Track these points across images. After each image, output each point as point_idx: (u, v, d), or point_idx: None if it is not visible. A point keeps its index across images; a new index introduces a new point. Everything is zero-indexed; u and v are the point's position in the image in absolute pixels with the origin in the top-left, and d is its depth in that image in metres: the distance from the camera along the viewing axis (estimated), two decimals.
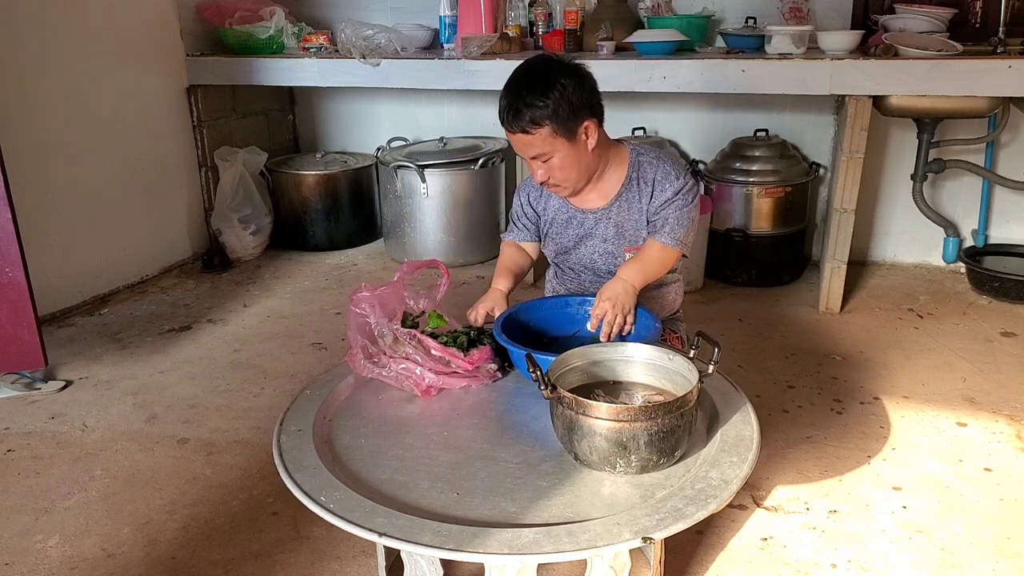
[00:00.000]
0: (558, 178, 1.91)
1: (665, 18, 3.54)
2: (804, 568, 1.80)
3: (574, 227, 2.07)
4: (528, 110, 1.81)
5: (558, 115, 1.82)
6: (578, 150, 1.88)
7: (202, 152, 3.91)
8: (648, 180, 1.98)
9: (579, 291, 2.09)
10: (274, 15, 3.79)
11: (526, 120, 1.81)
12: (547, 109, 1.81)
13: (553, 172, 1.90)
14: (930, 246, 3.69)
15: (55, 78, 3.19)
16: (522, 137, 1.85)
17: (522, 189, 2.16)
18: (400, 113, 4.27)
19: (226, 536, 1.94)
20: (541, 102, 1.80)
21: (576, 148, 1.88)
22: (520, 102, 1.82)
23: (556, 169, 1.89)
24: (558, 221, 2.09)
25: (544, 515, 1.38)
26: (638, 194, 1.99)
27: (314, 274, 3.79)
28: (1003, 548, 1.85)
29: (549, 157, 1.87)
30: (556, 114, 1.82)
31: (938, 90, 2.91)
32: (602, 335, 1.84)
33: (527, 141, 1.85)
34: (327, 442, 1.63)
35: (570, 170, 1.90)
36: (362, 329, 1.82)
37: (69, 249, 3.30)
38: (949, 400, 2.50)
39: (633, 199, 2.00)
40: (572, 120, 1.84)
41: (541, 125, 1.82)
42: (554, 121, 1.82)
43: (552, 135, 1.83)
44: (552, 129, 1.83)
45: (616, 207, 2.01)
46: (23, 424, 2.48)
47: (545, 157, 1.87)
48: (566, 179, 1.92)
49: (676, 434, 1.46)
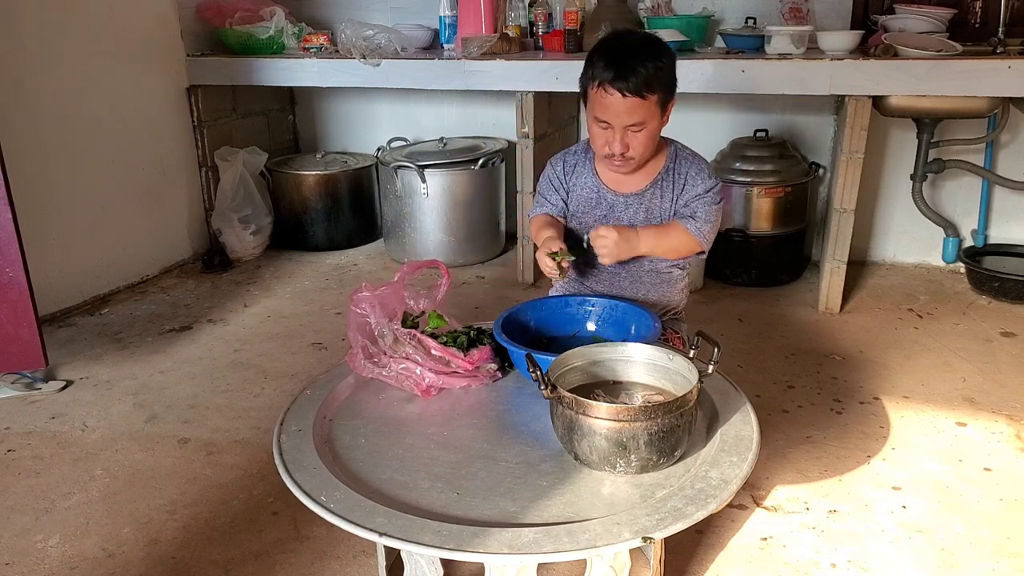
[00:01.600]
0: (637, 151, 1.88)
1: (665, 18, 3.54)
2: (804, 568, 1.80)
3: (602, 207, 2.05)
4: (644, 71, 1.78)
5: (666, 83, 1.82)
6: (660, 126, 1.89)
7: (202, 152, 3.91)
8: (683, 173, 1.99)
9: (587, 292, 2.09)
10: (274, 15, 3.79)
11: (644, 82, 1.78)
12: (663, 73, 1.80)
13: (635, 143, 1.86)
14: (930, 246, 3.70)
15: (55, 78, 3.19)
16: (631, 101, 1.80)
17: (555, 163, 2.11)
18: (400, 113, 4.27)
19: (226, 536, 1.94)
20: (656, 65, 1.79)
21: (661, 124, 1.88)
22: (635, 61, 1.78)
23: (640, 141, 1.86)
24: (586, 199, 2.06)
25: (544, 515, 1.38)
26: (672, 184, 2.00)
27: (314, 274, 3.79)
28: (1003, 548, 1.85)
29: (643, 127, 1.84)
30: (667, 82, 1.82)
31: (938, 90, 2.91)
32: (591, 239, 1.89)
33: (634, 106, 1.80)
34: (327, 442, 1.63)
35: (650, 144, 1.89)
36: (362, 329, 1.82)
37: (69, 249, 3.30)
38: (949, 400, 2.51)
39: (667, 189, 2.00)
40: (670, 93, 1.85)
41: (655, 90, 1.80)
42: (664, 89, 1.82)
43: (657, 104, 1.83)
44: (660, 97, 1.82)
45: (650, 193, 2.01)
46: (23, 424, 2.48)
47: (640, 127, 1.84)
48: (643, 153, 1.90)
49: (676, 434, 1.46)
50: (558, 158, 2.12)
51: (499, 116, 4.09)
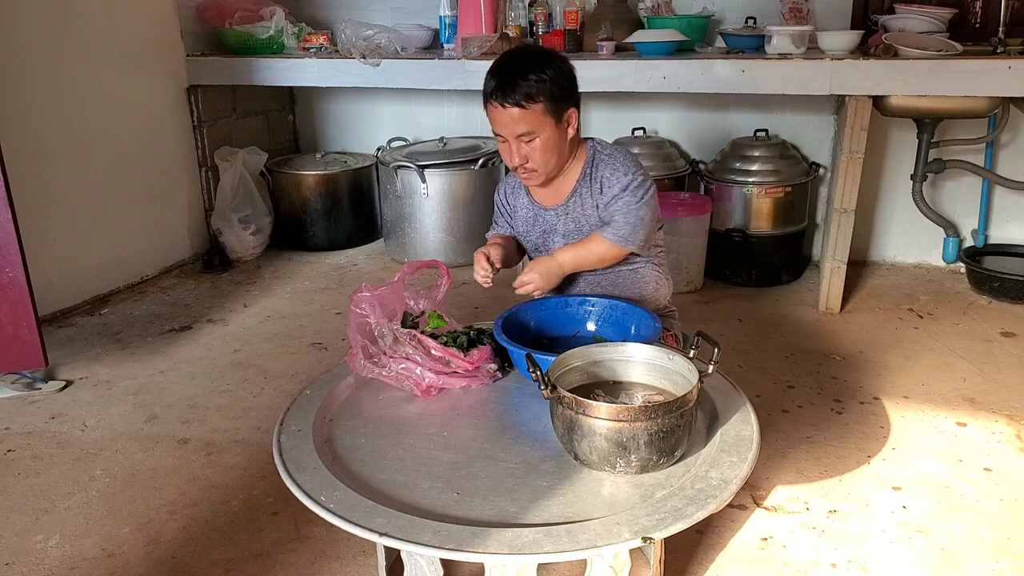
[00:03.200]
0: (537, 161, 1.91)
1: (665, 18, 3.54)
2: (804, 568, 1.80)
3: (539, 224, 2.09)
4: (525, 83, 1.82)
5: (552, 93, 1.84)
6: (560, 135, 1.90)
7: (202, 152, 3.91)
8: (598, 176, 1.99)
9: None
10: (274, 15, 3.79)
11: (522, 93, 1.82)
12: (544, 84, 1.83)
13: (533, 155, 1.90)
14: (930, 246, 3.70)
15: (55, 78, 3.19)
16: (513, 112, 1.84)
17: (500, 187, 2.19)
18: (400, 113, 4.27)
19: (226, 536, 1.94)
20: (538, 76, 1.82)
21: (559, 133, 1.90)
22: (517, 76, 1.83)
23: (537, 152, 1.89)
24: (525, 219, 2.11)
25: (544, 515, 1.38)
26: (590, 190, 2.00)
27: (314, 274, 3.79)
28: (1003, 548, 1.85)
29: (534, 137, 1.87)
30: (551, 92, 1.84)
31: (938, 90, 2.91)
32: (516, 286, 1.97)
33: (517, 117, 1.85)
34: (327, 442, 1.63)
35: (550, 155, 1.91)
36: (362, 329, 1.82)
37: (69, 249, 3.30)
38: (949, 400, 2.51)
39: (586, 195, 2.01)
40: (562, 102, 1.87)
41: (536, 100, 1.83)
42: (548, 99, 1.84)
43: (544, 113, 1.85)
44: (545, 107, 1.84)
45: (572, 203, 2.02)
46: (23, 424, 2.48)
47: (530, 137, 1.87)
48: (544, 163, 1.92)
49: (676, 434, 1.46)
50: (501, 184, 2.20)
51: None
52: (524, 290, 1.98)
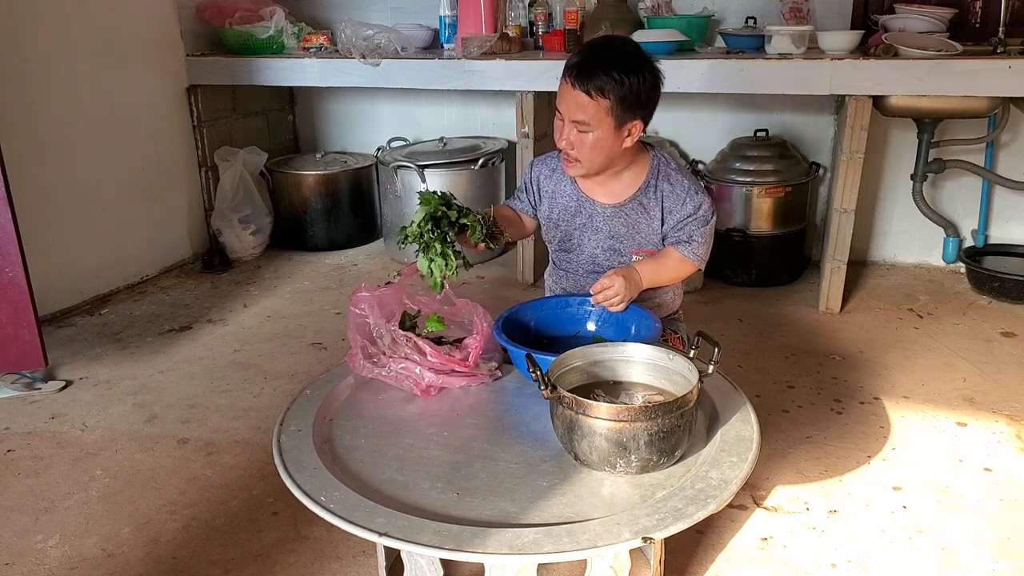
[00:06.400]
0: (582, 154, 1.87)
1: (665, 18, 3.54)
2: (804, 568, 1.80)
3: (581, 217, 2.04)
4: (603, 77, 1.77)
5: (624, 98, 1.79)
6: (615, 140, 1.86)
7: (202, 152, 3.91)
8: (668, 191, 1.97)
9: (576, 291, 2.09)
10: (274, 15, 3.79)
11: (595, 85, 1.78)
12: (622, 87, 1.78)
13: (581, 146, 1.86)
14: (930, 246, 3.70)
15: (55, 78, 3.19)
16: (580, 97, 1.80)
17: (535, 164, 2.11)
18: (400, 113, 4.27)
19: (226, 536, 1.94)
20: (619, 76, 1.78)
21: (615, 137, 1.85)
22: (600, 65, 1.78)
23: (586, 145, 1.85)
24: (565, 207, 2.05)
25: (544, 515, 1.38)
26: (656, 199, 1.98)
27: (314, 274, 3.79)
28: (1003, 548, 1.85)
29: (588, 130, 1.83)
30: (624, 96, 1.79)
31: (938, 90, 2.91)
32: (593, 299, 1.87)
33: (582, 103, 1.80)
34: (327, 442, 1.63)
35: (597, 154, 1.87)
36: (362, 329, 1.82)
37: (69, 249, 3.30)
38: (949, 400, 2.51)
39: (651, 206, 1.98)
40: (631, 111, 1.82)
41: (605, 97, 1.79)
42: (618, 101, 1.79)
43: (607, 112, 1.80)
44: (611, 107, 1.80)
45: (630, 207, 1.99)
46: (23, 424, 2.48)
47: (584, 128, 1.83)
48: (588, 159, 1.88)
49: (676, 434, 1.46)
50: (540, 160, 2.12)
51: (499, 116, 4.08)
52: (603, 296, 1.86)
